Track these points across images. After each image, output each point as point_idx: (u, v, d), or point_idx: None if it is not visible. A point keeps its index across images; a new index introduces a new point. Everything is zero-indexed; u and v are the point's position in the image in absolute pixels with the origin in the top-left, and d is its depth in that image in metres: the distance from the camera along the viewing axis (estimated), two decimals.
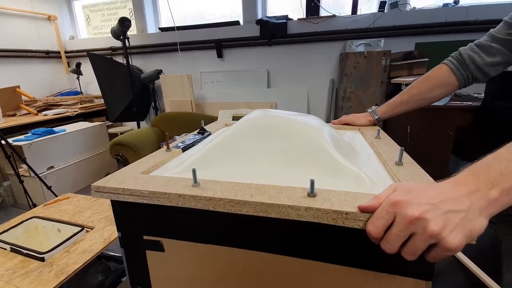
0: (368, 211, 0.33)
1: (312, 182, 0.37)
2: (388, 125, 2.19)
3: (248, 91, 2.85)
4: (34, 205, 1.95)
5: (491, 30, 0.68)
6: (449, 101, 2.08)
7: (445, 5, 2.35)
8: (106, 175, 0.48)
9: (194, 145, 0.67)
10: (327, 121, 2.72)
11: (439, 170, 2.13)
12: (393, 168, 0.47)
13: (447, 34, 2.34)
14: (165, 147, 0.61)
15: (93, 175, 2.66)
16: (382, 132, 0.69)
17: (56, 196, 1.74)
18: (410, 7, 2.45)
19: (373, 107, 0.84)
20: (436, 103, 2.19)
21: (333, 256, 0.38)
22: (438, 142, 2.11)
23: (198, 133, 0.77)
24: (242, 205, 0.37)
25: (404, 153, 0.50)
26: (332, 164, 0.47)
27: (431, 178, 0.42)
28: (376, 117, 0.80)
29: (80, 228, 1.14)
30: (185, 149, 0.63)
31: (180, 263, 0.46)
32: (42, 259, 1.01)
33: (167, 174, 0.50)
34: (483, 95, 2.00)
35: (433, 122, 2.12)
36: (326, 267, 0.39)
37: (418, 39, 2.44)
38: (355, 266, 0.38)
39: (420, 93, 0.76)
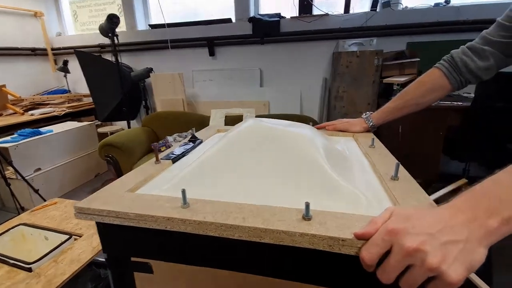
0: (363, 238, 0.31)
1: (307, 206, 0.35)
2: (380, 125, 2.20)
3: (241, 90, 2.82)
4: (22, 209, 1.89)
5: (484, 31, 0.67)
6: (440, 101, 2.09)
7: (437, 4, 2.36)
8: (96, 176, 0.45)
9: (184, 155, 0.65)
10: (320, 121, 2.72)
11: (430, 170, 2.16)
12: (389, 183, 0.46)
13: (438, 34, 2.35)
14: (154, 159, 0.59)
15: (82, 177, 2.60)
16: (376, 141, 0.68)
17: (44, 200, 1.69)
18: (402, 7, 2.46)
19: (367, 113, 0.83)
20: None
21: (328, 279, 0.37)
22: (429, 142, 2.13)
23: (189, 141, 0.74)
24: (234, 230, 0.35)
25: (400, 166, 0.49)
26: (328, 182, 0.45)
27: (427, 195, 0.42)
28: (371, 124, 0.79)
29: (68, 236, 1.11)
30: (175, 160, 0.61)
31: (170, 285, 0.44)
32: (30, 270, 0.97)
33: (155, 191, 0.48)
34: (473, 95, 2.03)
35: (424, 122, 2.14)
36: None
37: (409, 39, 2.45)
38: None
39: (414, 98, 0.75)
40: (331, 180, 0.46)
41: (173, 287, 0.45)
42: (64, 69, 3.20)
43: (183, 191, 0.39)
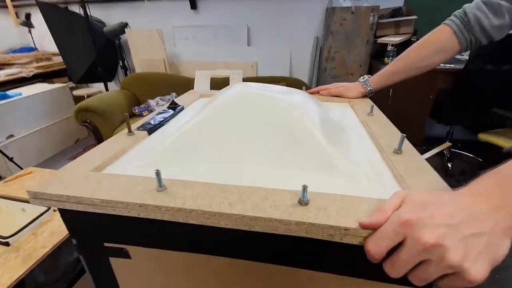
0: (371, 228, 0.27)
1: (305, 189, 0.30)
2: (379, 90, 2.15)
3: (226, 49, 2.62)
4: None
5: None
6: None
7: None
8: (76, 142, 0.38)
9: (163, 125, 0.58)
10: (310, 84, 2.62)
11: (416, 133, 2.18)
12: (392, 157, 0.42)
13: None
14: (126, 130, 0.51)
15: (62, 143, 2.47)
16: (375, 108, 0.63)
17: (21, 168, 1.59)
18: None
19: (365, 76, 0.76)
20: None
21: (323, 264, 0.34)
22: (418, 106, 2.11)
23: (169, 108, 0.66)
24: (219, 218, 0.30)
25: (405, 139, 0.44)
26: (324, 157, 0.40)
27: (434, 171, 0.37)
28: (369, 88, 0.73)
29: (46, 208, 1.05)
30: (151, 131, 0.54)
31: (151, 271, 0.41)
32: (7, 244, 0.93)
33: (127, 169, 0.41)
34: (466, 57, 1.97)
35: (415, 85, 2.10)
36: (315, 275, 0.35)
37: None
38: (347, 274, 0.34)
39: (418, 60, 0.68)
40: (327, 155, 0.41)
41: (154, 272, 0.41)
42: (27, 23, 2.84)
43: (157, 173, 0.33)
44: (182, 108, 0.67)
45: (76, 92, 2.82)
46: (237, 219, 0.30)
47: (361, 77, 0.76)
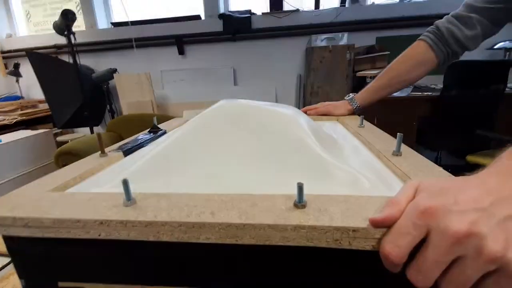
0: (384, 225, 0.22)
1: (300, 188, 0.25)
2: (366, 107, 2.22)
3: (214, 89, 2.69)
4: None
5: (466, 0, 0.64)
6: (410, 92, 2.14)
7: (401, 0, 2.43)
8: None
9: (142, 147, 0.53)
10: None
11: None
12: (393, 159, 0.38)
13: (405, 29, 2.41)
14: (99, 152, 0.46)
15: None
16: (365, 121, 0.61)
17: None
18: (369, 2, 2.50)
19: (351, 94, 0.76)
20: (397, 94, 2.22)
21: (332, 284, 0.27)
22: (403, 132, 2.16)
23: (150, 131, 0.62)
24: (200, 230, 0.25)
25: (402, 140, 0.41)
26: (319, 165, 0.36)
27: (442, 168, 0.34)
28: (355, 106, 0.72)
29: (9, 259, 0.92)
30: (128, 152, 0.49)
31: None
32: None
33: (96, 190, 0.35)
34: (440, 85, 2.09)
35: (397, 113, 2.18)
36: None
37: (378, 34, 2.50)
38: None
39: (399, 75, 0.70)
40: (322, 163, 0.37)
41: None
42: (15, 73, 2.88)
43: (125, 182, 0.27)
44: (164, 132, 0.63)
45: (60, 138, 2.75)
46: (221, 229, 0.24)
47: (347, 96, 0.76)
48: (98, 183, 0.38)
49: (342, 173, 0.35)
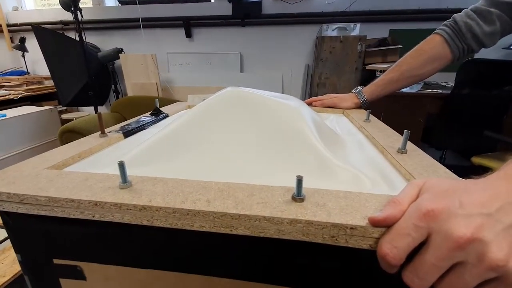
0: (384, 225, 0.21)
1: (299, 181, 0.24)
2: (374, 101, 2.19)
3: (220, 75, 2.66)
4: None
5: None
6: (419, 89, 2.10)
7: None
8: None
9: (143, 129, 0.52)
10: None
11: None
12: (397, 157, 0.37)
13: (420, 22, 2.33)
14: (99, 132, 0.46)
15: None
16: (372, 116, 0.59)
17: None
18: None
19: (359, 87, 0.74)
20: (406, 90, 2.17)
21: (326, 280, 0.27)
22: (409, 129, 2.13)
23: (151, 114, 0.61)
24: (194, 218, 0.24)
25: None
26: (319, 162, 0.35)
27: (447, 169, 0.33)
28: (363, 99, 0.70)
29: None
30: (128, 134, 0.48)
31: None
32: None
33: (93, 170, 0.35)
34: (451, 84, 2.03)
35: (405, 109, 2.14)
36: None
37: (392, 26, 2.42)
38: None
39: (411, 69, 0.67)
40: (323, 160, 0.36)
41: None
42: (21, 47, 2.86)
43: (121, 164, 0.27)
44: (166, 116, 0.62)
45: (65, 116, 2.76)
46: (215, 218, 0.24)
47: (354, 88, 0.74)
48: (96, 164, 0.37)
49: (342, 171, 0.34)
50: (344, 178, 0.33)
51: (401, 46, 2.22)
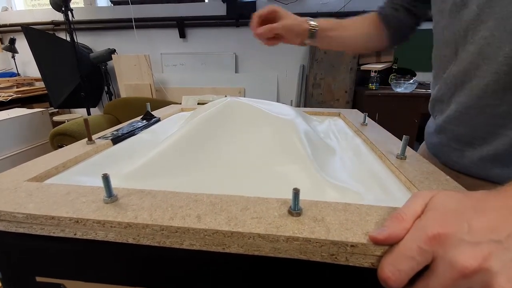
0: (386, 244, 0.20)
1: (296, 194, 0.23)
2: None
3: (214, 75, 2.64)
4: None
5: None
6: (415, 89, 2.11)
7: None
8: None
9: (133, 135, 0.50)
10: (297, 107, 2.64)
11: None
12: (396, 163, 0.36)
13: None
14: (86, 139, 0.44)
15: None
16: (368, 118, 0.58)
17: None
18: None
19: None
20: (401, 90, 2.17)
21: None
22: (404, 129, 2.14)
23: (142, 119, 0.59)
24: (183, 235, 0.23)
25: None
26: (311, 180, 0.33)
27: (448, 177, 0.32)
28: (313, 24, 0.58)
29: None
30: (117, 140, 0.46)
31: None
32: None
33: (78, 181, 0.33)
34: None
35: (400, 109, 2.15)
36: None
37: None
38: None
39: (349, 37, 0.61)
40: (317, 180, 0.33)
41: None
42: (11, 48, 2.80)
43: (105, 178, 0.25)
44: (158, 120, 0.60)
45: (57, 118, 2.71)
46: (206, 236, 0.22)
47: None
48: (81, 174, 0.35)
49: (331, 188, 0.32)
50: (333, 195, 0.31)
51: (395, 47, 2.22)
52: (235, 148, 0.38)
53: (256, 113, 0.42)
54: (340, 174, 0.36)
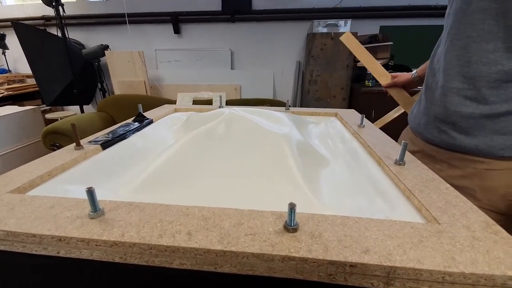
0: None
1: (292, 209, 0.22)
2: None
3: (210, 72, 2.60)
4: None
5: None
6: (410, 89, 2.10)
7: None
8: None
9: (124, 139, 0.49)
10: (294, 105, 2.62)
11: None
12: (394, 169, 0.35)
13: (410, 18, 2.33)
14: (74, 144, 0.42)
15: None
16: (365, 120, 0.57)
17: None
18: None
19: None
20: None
21: None
22: (399, 126, 2.14)
23: (134, 120, 0.58)
24: (173, 254, 0.21)
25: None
26: (300, 194, 0.32)
27: (447, 184, 0.31)
28: (414, 74, 0.75)
29: None
30: (106, 145, 0.44)
31: None
32: None
33: (64, 191, 0.31)
34: None
35: (396, 106, 2.13)
36: None
37: (382, 22, 2.41)
38: None
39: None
40: (307, 199, 0.32)
41: None
42: (1, 44, 2.74)
43: (90, 192, 0.24)
44: (151, 121, 0.59)
45: (50, 115, 2.66)
46: (197, 255, 0.21)
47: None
48: (68, 183, 0.34)
49: (318, 205, 0.30)
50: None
51: (392, 43, 2.21)
52: (230, 162, 0.36)
53: (252, 127, 0.41)
54: (333, 188, 0.34)
